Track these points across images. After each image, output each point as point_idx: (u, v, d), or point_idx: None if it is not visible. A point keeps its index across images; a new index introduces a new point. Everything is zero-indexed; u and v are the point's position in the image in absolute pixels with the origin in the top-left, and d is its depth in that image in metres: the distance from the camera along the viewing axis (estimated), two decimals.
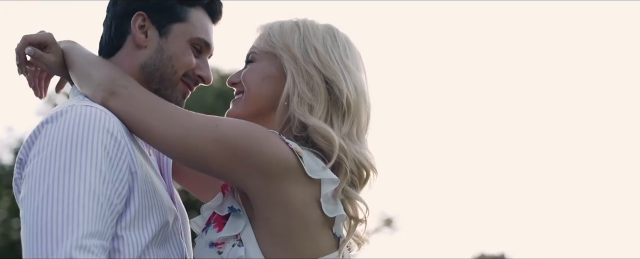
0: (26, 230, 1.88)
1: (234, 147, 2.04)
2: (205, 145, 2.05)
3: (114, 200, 1.95)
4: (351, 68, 2.19)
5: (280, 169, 2.04)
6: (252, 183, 2.05)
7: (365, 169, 2.16)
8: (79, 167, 1.91)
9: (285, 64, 2.18)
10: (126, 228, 1.99)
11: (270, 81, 2.20)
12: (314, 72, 2.16)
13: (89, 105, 2.03)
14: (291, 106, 2.14)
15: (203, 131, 2.06)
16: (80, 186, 1.89)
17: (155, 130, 2.08)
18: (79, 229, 1.85)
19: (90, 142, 1.94)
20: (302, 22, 2.23)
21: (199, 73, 2.23)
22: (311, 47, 2.18)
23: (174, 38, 2.18)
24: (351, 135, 2.16)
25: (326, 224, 2.11)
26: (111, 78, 2.11)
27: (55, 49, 2.19)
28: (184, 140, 2.06)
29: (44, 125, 1.99)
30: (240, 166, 2.04)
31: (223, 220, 2.13)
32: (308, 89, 2.15)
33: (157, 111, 2.09)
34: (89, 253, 1.85)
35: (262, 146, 2.04)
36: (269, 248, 2.07)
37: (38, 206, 1.88)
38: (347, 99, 2.15)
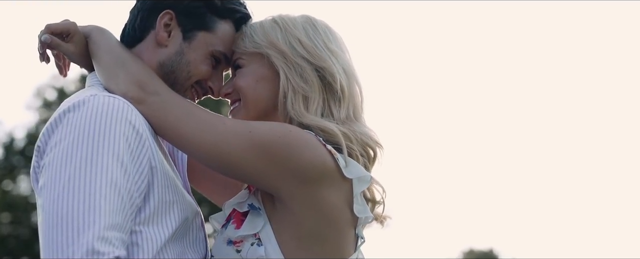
0: (46, 219, 1.85)
1: (269, 154, 2.02)
2: (239, 152, 2.03)
3: (134, 193, 1.93)
4: (337, 52, 2.20)
5: (316, 174, 2.03)
6: (286, 188, 2.04)
7: (371, 147, 2.16)
8: (101, 158, 1.88)
9: (275, 61, 2.16)
10: (144, 223, 1.97)
11: (265, 82, 2.18)
12: (304, 64, 2.15)
13: (112, 96, 2.00)
14: (286, 103, 2.14)
15: (237, 137, 2.03)
16: (102, 176, 1.86)
17: (188, 137, 2.05)
18: (100, 221, 1.82)
19: (113, 133, 1.91)
20: (278, 17, 2.22)
21: (210, 84, 2.21)
22: (295, 39, 2.17)
23: (197, 45, 2.16)
24: (350, 117, 2.17)
25: (352, 224, 2.11)
26: (141, 83, 2.08)
27: (77, 38, 2.17)
28: (217, 147, 2.03)
29: (66, 114, 1.95)
30: (276, 172, 2.02)
31: (242, 217, 2.11)
32: (302, 81, 2.14)
33: (189, 118, 2.06)
34: (110, 245, 1.82)
35: (299, 152, 2.03)
36: (294, 250, 2.05)
37: (59, 195, 1.85)
38: (340, 83, 2.16)
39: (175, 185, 2.06)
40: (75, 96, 2.03)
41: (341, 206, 2.07)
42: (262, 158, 2.02)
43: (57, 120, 1.96)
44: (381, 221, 2.21)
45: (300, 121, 2.12)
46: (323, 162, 2.04)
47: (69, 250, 1.78)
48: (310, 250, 2.05)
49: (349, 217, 2.09)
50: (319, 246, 2.06)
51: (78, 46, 2.17)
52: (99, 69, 2.14)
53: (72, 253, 1.78)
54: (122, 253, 1.84)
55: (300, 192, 2.03)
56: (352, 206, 2.08)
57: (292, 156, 2.02)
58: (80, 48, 2.17)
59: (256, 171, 2.03)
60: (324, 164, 2.04)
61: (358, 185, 2.09)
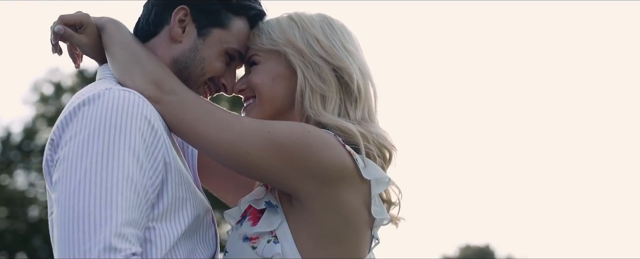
0: (61, 214, 1.82)
1: (289, 154, 2.00)
2: (258, 152, 2.01)
3: (149, 189, 1.91)
4: (353, 52, 2.18)
5: (335, 174, 2.02)
6: (305, 188, 2.02)
7: (386, 149, 2.15)
8: (118, 153, 1.86)
9: (292, 59, 2.15)
10: (157, 220, 1.95)
11: (281, 80, 2.16)
12: (322, 63, 2.14)
13: (127, 89, 1.98)
14: (304, 102, 2.13)
15: (255, 137, 2.02)
16: (118, 172, 1.84)
17: (206, 136, 2.03)
18: (118, 217, 1.80)
19: (129, 128, 1.89)
20: (295, 15, 2.20)
21: (223, 81, 2.20)
22: (313, 38, 2.16)
23: (211, 42, 2.15)
24: (365, 118, 2.16)
25: (368, 226, 2.10)
26: (157, 81, 2.05)
27: (90, 30, 2.15)
28: (236, 147, 2.01)
29: (81, 107, 1.92)
30: (295, 172, 2.01)
31: (258, 214, 2.10)
32: (320, 80, 2.13)
33: (207, 117, 2.04)
34: (127, 242, 1.80)
35: (319, 152, 2.01)
36: (311, 249, 2.04)
37: (74, 190, 1.82)
38: (357, 84, 2.15)
39: (188, 182, 2.05)
40: (88, 89, 2.01)
41: (359, 207, 2.06)
42: (281, 158, 2.00)
43: (72, 113, 1.93)
44: (396, 222, 2.20)
45: (318, 119, 2.11)
46: (342, 162, 2.03)
47: (85, 246, 1.76)
48: (327, 250, 2.04)
49: (366, 218, 2.08)
50: (336, 246, 2.04)
51: (91, 38, 2.15)
52: (113, 64, 2.12)
53: (88, 249, 1.76)
54: (138, 250, 1.82)
55: (319, 192, 2.02)
56: (370, 207, 2.07)
57: (311, 156, 2.00)
58: (93, 40, 2.16)
59: (274, 171, 2.02)
60: (343, 164, 2.03)
61: (376, 186, 2.07)
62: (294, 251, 2.03)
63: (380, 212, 2.09)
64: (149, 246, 1.93)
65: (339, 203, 2.03)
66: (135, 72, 2.06)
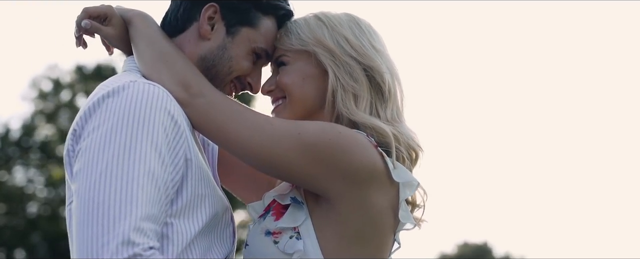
0: (80, 206, 1.81)
1: (320, 156, 1.99)
2: (288, 154, 2.00)
3: (169, 184, 1.90)
4: (381, 51, 2.18)
5: (366, 176, 2.01)
6: (334, 189, 2.01)
7: (414, 150, 2.15)
8: (139, 146, 1.85)
9: (323, 59, 2.14)
10: (175, 216, 1.94)
11: (312, 80, 2.16)
12: (353, 63, 2.13)
13: (151, 83, 1.97)
14: (337, 101, 2.12)
15: (286, 139, 2.00)
16: (140, 166, 1.83)
17: (235, 139, 2.02)
18: (137, 211, 1.79)
19: (152, 122, 1.88)
20: (322, 15, 2.20)
21: (250, 80, 2.19)
22: (342, 38, 2.15)
23: (240, 41, 2.14)
24: (394, 118, 2.15)
25: (392, 229, 2.09)
26: (185, 83, 2.03)
27: (115, 21, 2.15)
28: (266, 149, 2.00)
29: (105, 99, 1.91)
30: (325, 174, 2.00)
31: (282, 210, 2.09)
32: (351, 80, 2.12)
33: (236, 119, 2.02)
34: (146, 236, 1.79)
35: (351, 153, 2.00)
36: (333, 248, 2.03)
37: (95, 182, 1.81)
38: (388, 84, 2.14)
39: (208, 179, 2.04)
40: (112, 81, 2.00)
41: (386, 209, 2.05)
42: (312, 160, 1.99)
43: (95, 104, 1.92)
44: (419, 224, 2.19)
45: (351, 118, 2.10)
46: (374, 164, 2.02)
47: (103, 239, 1.75)
48: (349, 250, 2.02)
49: (392, 221, 2.08)
50: (359, 247, 2.03)
51: (117, 29, 2.15)
52: (140, 61, 2.10)
53: (106, 242, 1.75)
54: (155, 244, 1.82)
55: (349, 193, 2.01)
56: (396, 211, 2.07)
57: (343, 157, 1.99)
58: (119, 31, 2.16)
59: (305, 172, 2.00)
60: (374, 165, 2.02)
61: (404, 190, 2.07)
62: (315, 249, 2.02)
63: (407, 216, 2.08)
64: (166, 242, 1.92)
65: (368, 205, 2.02)
66: (162, 73, 2.04)
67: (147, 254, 1.77)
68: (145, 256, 1.76)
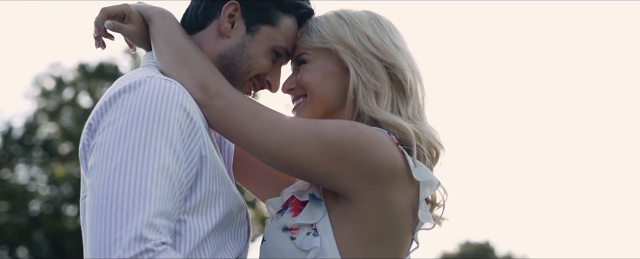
0: (94, 200, 1.82)
1: (340, 154, 1.98)
2: (308, 154, 1.99)
3: (183, 181, 1.90)
4: (402, 48, 2.17)
5: (387, 174, 2.00)
6: (354, 187, 2.00)
7: (435, 148, 2.13)
8: (154, 142, 1.85)
9: (344, 57, 2.13)
10: (188, 213, 1.94)
11: (333, 78, 2.15)
12: (374, 60, 2.12)
13: (168, 79, 1.97)
14: (358, 99, 2.10)
15: (305, 139, 1.99)
16: (154, 161, 1.83)
17: (254, 140, 2.02)
18: (150, 207, 1.79)
19: (167, 118, 1.88)
20: (342, 12, 2.19)
21: (269, 79, 2.19)
22: (363, 35, 2.14)
23: (260, 39, 2.14)
24: (415, 115, 2.14)
25: (411, 229, 2.08)
26: (203, 85, 2.02)
27: (134, 18, 2.15)
28: (285, 149, 1.99)
29: (121, 94, 1.92)
30: (346, 173, 1.99)
31: (300, 206, 2.08)
32: (373, 77, 2.11)
33: (254, 120, 2.01)
34: (158, 233, 1.79)
35: (371, 152, 1.99)
36: (351, 246, 2.01)
37: (109, 177, 1.81)
38: (410, 82, 2.13)
39: (223, 176, 2.04)
40: (130, 76, 2.00)
41: (406, 208, 2.04)
42: (332, 158, 1.98)
43: (111, 99, 1.92)
44: (439, 222, 2.18)
45: (373, 116, 2.09)
46: (394, 162, 2.01)
47: (116, 234, 1.76)
48: (367, 249, 2.01)
49: (411, 221, 2.06)
50: (377, 246, 2.02)
51: (138, 27, 2.15)
52: (159, 60, 2.10)
53: (119, 238, 1.75)
54: (168, 240, 1.81)
55: (369, 192, 2.00)
56: (416, 210, 2.05)
57: (363, 156, 1.98)
58: (140, 29, 2.16)
59: (325, 171, 1.99)
60: (395, 164, 2.01)
61: (425, 189, 2.06)
62: (332, 246, 2.01)
63: (426, 216, 2.07)
64: (178, 238, 1.92)
65: (388, 204, 2.01)
66: (181, 73, 2.03)
67: (159, 250, 1.77)
68: (157, 252, 1.76)
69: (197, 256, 1.96)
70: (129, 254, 1.74)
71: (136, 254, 1.74)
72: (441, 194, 2.15)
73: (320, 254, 2.01)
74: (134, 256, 1.74)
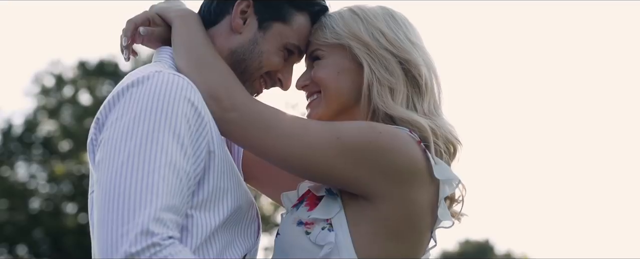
0: (102, 195, 1.81)
1: (361, 158, 1.96)
2: (329, 161, 1.97)
3: (191, 176, 1.89)
4: (417, 44, 2.15)
5: (408, 175, 1.98)
6: (376, 189, 1.98)
7: (452, 144, 2.11)
8: (161, 137, 1.84)
9: (358, 53, 2.11)
10: (195, 208, 1.93)
11: (347, 74, 2.12)
12: (388, 56, 2.10)
13: (177, 74, 1.95)
14: (372, 95, 2.08)
15: (325, 145, 1.97)
16: (161, 156, 1.82)
17: (273, 151, 2.00)
18: (157, 201, 1.78)
19: (174, 112, 1.87)
20: (356, 8, 2.17)
21: (280, 76, 2.17)
22: (378, 31, 2.12)
23: (272, 36, 2.12)
24: (431, 111, 2.12)
25: (430, 227, 2.06)
26: (217, 97, 1.99)
27: (158, 21, 2.16)
28: (305, 157, 1.97)
29: (129, 88, 1.91)
30: (367, 176, 1.97)
31: (316, 201, 2.06)
32: (387, 73, 2.08)
33: (271, 131, 1.99)
34: (165, 227, 1.78)
35: (392, 153, 1.97)
36: (367, 243, 1.99)
37: (116, 172, 1.81)
38: (425, 77, 2.11)
39: (232, 172, 2.03)
40: (139, 71, 1.99)
41: (426, 207, 2.02)
42: (354, 163, 1.96)
43: (119, 94, 1.92)
44: (458, 218, 2.16)
45: (388, 112, 2.07)
46: (416, 162, 1.99)
47: (123, 228, 1.75)
48: (384, 247, 1.99)
49: (430, 219, 2.04)
50: (394, 244, 2.00)
51: (165, 28, 2.16)
52: (178, 65, 2.08)
53: (126, 232, 1.75)
54: (175, 234, 1.80)
55: (390, 193, 1.97)
56: (435, 208, 2.04)
57: (385, 157, 1.96)
58: (166, 29, 2.16)
59: (346, 176, 1.97)
60: (416, 164, 1.99)
61: (444, 188, 2.04)
62: (347, 242, 1.99)
63: (445, 214, 2.05)
64: (185, 233, 1.92)
65: (409, 203, 1.99)
66: (197, 83, 2.00)
67: (165, 244, 1.76)
68: (163, 246, 1.76)
69: (205, 252, 1.96)
70: (136, 248, 1.73)
71: (143, 248, 1.74)
72: (460, 190, 2.12)
73: (335, 250, 1.99)
74: (141, 250, 1.74)
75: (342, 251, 1.98)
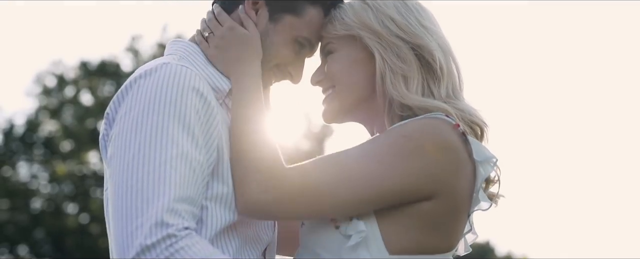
0: (115, 189, 1.81)
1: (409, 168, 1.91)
2: (377, 202, 1.92)
3: (204, 165, 1.88)
4: (431, 28, 2.10)
5: (454, 168, 1.94)
6: (425, 192, 1.94)
7: (478, 125, 2.06)
8: (171, 128, 1.83)
9: (369, 42, 2.06)
10: (211, 200, 1.93)
11: (360, 65, 2.09)
12: (400, 43, 2.05)
13: (183, 65, 1.94)
14: (386, 85, 2.04)
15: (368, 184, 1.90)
16: (172, 148, 1.82)
17: (324, 214, 1.95)
18: (170, 192, 1.78)
19: (182, 103, 1.87)
20: None
21: (291, 70, 2.14)
22: (388, 18, 2.07)
23: (283, 28, 2.10)
24: (449, 95, 2.06)
25: (467, 211, 2.01)
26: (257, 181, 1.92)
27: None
28: (355, 211, 1.93)
29: (137, 80, 1.91)
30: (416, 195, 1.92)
31: None
32: (399, 60, 2.04)
33: (315, 200, 1.91)
34: (180, 217, 1.77)
35: (437, 158, 1.91)
36: (398, 237, 1.94)
37: (128, 166, 1.81)
38: (439, 62, 2.05)
39: None
40: (149, 63, 1.99)
41: (465, 193, 1.98)
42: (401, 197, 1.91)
43: (127, 87, 1.92)
44: (496, 200, 2.09)
45: (402, 101, 2.02)
46: (457, 150, 1.95)
47: (137, 221, 1.75)
48: (415, 238, 1.95)
49: (468, 204, 2.00)
50: (427, 235, 1.95)
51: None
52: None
53: (140, 225, 1.74)
54: (191, 225, 1.80)
55: (440, 191, 1.93)
56: (472, 192, 1.99)
57: (430, 162, 1.91)
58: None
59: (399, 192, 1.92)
60: (458, 152, 1.95)
61: (482, 168, 1.99)
62: (375, 231, 1.94)
63: (483, 196, 2.01)
64: (199, 225, 1.90)
65: (453, 195, 1.95)
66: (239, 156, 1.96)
67: (181, 235, 1.76)
68: (179, 237, 1.75)
69: (222, 244, 1.95)
70: (151, 240, 1.73)
71: (158, 239, 1.73)
72: (495, 171, 2.07)
73: (363, 242, 1.94)
74: (156, 241, 1.73)
75: (370, 241, 1.94)
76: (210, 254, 1.79)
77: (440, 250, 1.98)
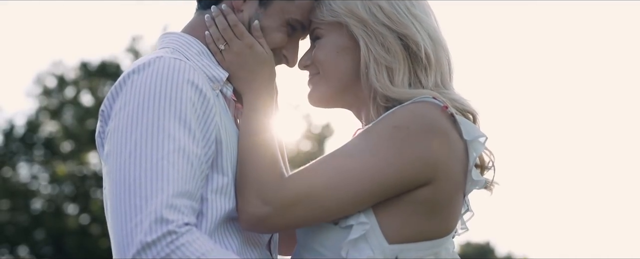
0: (113, 187, 1.79)
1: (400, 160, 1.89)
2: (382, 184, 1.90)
3: (203, 159, 1.86)
4: (421, 16, 2.06)
5: (447, 154, 1.92)
6: (421, 180, 1.93)
7: (469, 112, 2.04)
8: (167, 123, 1.81)
9: (354, 30, 2.04)
10: (213, 192, 1.91)
11: (345, 53, 2.07)
12: (386, 32, 2.03)
13: (177, 58, 1.92)
14: (369, 75, 2.02)
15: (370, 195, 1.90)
16: (169, 143, 1.79)
17: (335, 215, 1.93)
18: (169, 188, 1.75)
19: (178, 97, 1.84)
20: None
21: (285, 53, 2.12)
22: (375, 6, 2.04)
23: (273, 12, 2.07)
24: (438, 84, 2.04)
25: (462, 191, 2.00)
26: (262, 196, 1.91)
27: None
28: (359, 203, 1.91)
29: (131, 75, 1.88)
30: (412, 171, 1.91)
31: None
32: (384, 50, 2.02)
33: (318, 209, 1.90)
34: (180, 213, 1.75)
35: (427, 142, 1.90)
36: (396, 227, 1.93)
37: (125, 162, 1.78)
38: (425, 51, 2.03)
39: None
40: (142, 58, 1.96)
41: (460, 175, 1.97)
42: (396, 172, 1.90)
43: (121, 83, 1.89)
44: (490, 188, 2.08)
45: (386, 94, 2.01)
46: (448, 134, 1.93)
47: (136, 218, 1.72)
48: (414, 226, 1.94)
49: (463, 186, 1.99)
50: (425, 221, 1.94)
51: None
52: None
53: (140, 221, 1.72)
54: (191, 220, 1.78)
55: (435, 177, 1.92)
56: (466, 172, 1.97)
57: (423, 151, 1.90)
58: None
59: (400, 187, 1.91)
60: (449, 135, 1.93)
61: (474, 148, 1.97)
62: (374, 228, 1.93)
63: (477, 175, 2.00)
64: (199, 217, 1.88)
65: (449, 181, 1.94)
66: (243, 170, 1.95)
67: (182, 231, 1.73)
68: (180, 233, 1.73)
69: (221, 235, 1.94)
70: (152, 237, 1.71)
71: (158, 236, 1.71)
72: (487, 155, 2.05)
73: (362, 236, 1.93)
74: (157, 238, 1.71)
75: (370, 235, 1.93)
76: (211, 250, 1.77)
77: (439, 234, 1.97)
